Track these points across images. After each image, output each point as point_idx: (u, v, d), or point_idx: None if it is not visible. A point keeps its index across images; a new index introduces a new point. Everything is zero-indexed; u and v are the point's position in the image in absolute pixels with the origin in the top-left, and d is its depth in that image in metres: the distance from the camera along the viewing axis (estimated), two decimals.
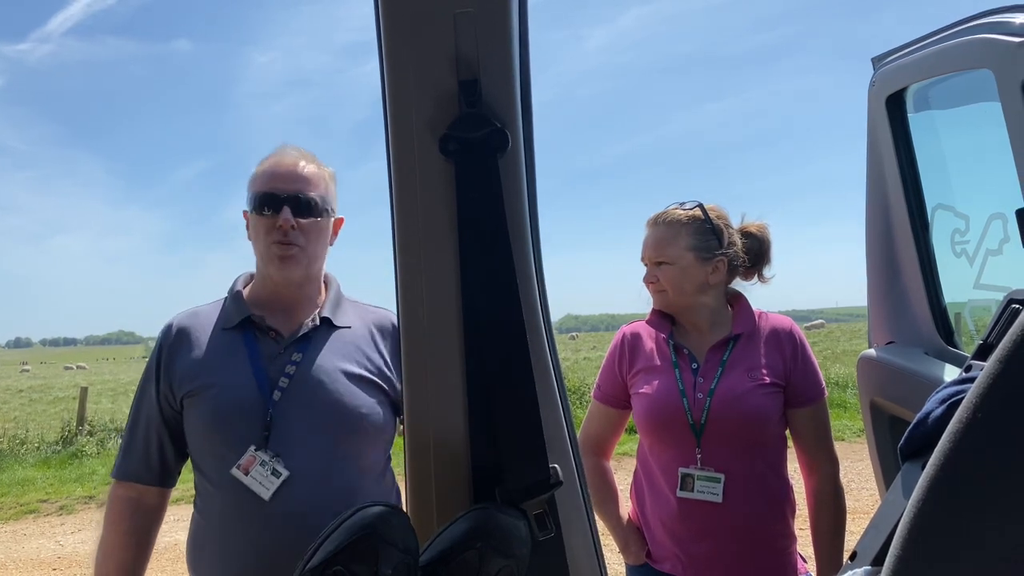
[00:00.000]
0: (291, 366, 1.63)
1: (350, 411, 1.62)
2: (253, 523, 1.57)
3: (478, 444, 0.96)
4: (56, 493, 8.30)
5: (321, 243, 1.70)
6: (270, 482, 1.56)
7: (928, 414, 0.88)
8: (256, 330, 1.69)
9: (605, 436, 2.12)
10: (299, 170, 1.66)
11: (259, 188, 1.65)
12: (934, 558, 0.46)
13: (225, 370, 1.64)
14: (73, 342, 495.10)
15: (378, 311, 1.82)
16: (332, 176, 1.75)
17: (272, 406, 1.60)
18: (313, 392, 1.62)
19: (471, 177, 0.89)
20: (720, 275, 1.94)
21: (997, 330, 1.10)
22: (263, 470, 1.57)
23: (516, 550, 0.90)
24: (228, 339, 1.68)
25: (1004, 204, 1.76)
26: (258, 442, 1.58)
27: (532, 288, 0.95)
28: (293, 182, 1.64)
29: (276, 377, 1.62)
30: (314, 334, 1.69)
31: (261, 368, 1.63)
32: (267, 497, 1.56)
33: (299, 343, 1.67)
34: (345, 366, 1.66)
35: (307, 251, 1.66)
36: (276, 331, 1.69)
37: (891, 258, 2.09)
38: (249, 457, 1.58)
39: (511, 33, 0.86)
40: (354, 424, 1.62)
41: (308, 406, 1.61)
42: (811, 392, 1.92)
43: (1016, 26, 1.54)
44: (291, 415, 1.60)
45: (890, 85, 1.97)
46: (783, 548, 1.90)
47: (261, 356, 1.65)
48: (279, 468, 1.56)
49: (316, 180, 1.67)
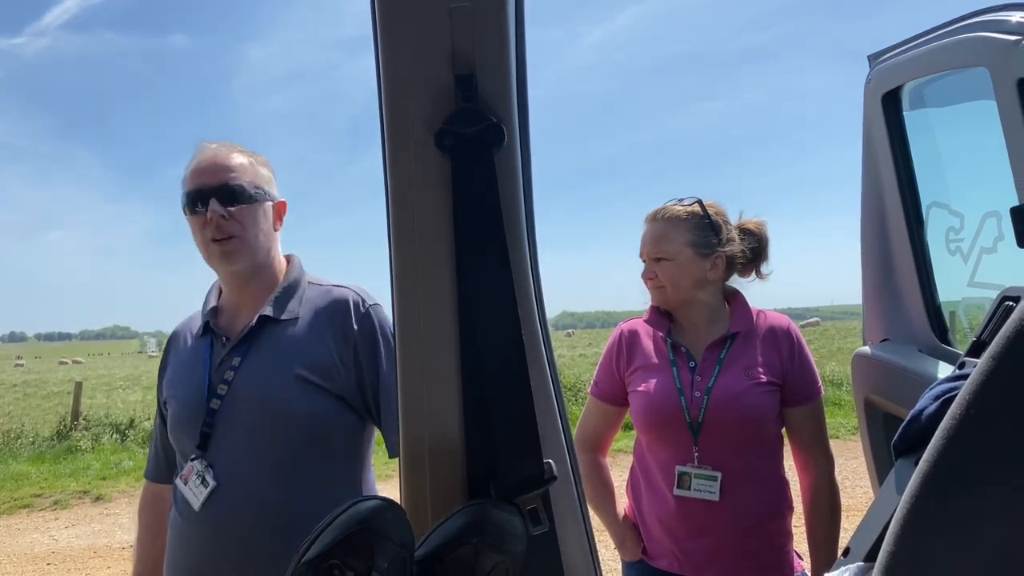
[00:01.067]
0: (230, 371, 1.61)
1: (282, 417, 1.56)
2: (187, 532, 1.60)
3: (473, 439, 0.96)
4: (50, 488, 8.28)
5: (260, 228, 1.65)
6: (200, 492, 1.56)
7: (921, 411, 0.88)
8: (213, 335, 1.69)
9: (602, 433, 2.12)
10: (220, 161, 1.62)
11: (186, 189, 1.63)
12: (926, 554, 0.46)
13: (185, 379, 1.67)
14: (68, 337, 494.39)
15: (333, 291, 1.71)
16: (263, 161, 1.70)
17: (210, 414, 1.59)
18: (246, 399, 1.58)
19: (467, 172, 0.89)
20: (718, 271, 1.94)
21: (990, 327, 1.10)
22: (196, 479, 1.57)
23: (511, 546, 0.90)
24: (195, 347, 1.70)
25: (999, 202, 1.77)
26: (196, 452, 1.59)
27: (528, 283, 0.95)
28: (216, 174, 1.60)
29: (217, 384, 1.61)
30: (255, 334, 1.64)
31: (207, 375, 1.63)
32: (196, 507, 1.56)
33: (239, 346, 1.63)
34: (282, 367, 1.59)
35: (245, 239, 1.61)
36: (226, 336, 1.67)
37: (886, 255, 2.09)
38: (188, 466, 1.59)
39: (507, 28, 0.86)
40: (287, 430, 1.57)
41: (241, 413, 1.58)
42: (808, 391, 1.93)
43: (1012, 24, 1.54)
44: (226, 423, 1.58)
45: (886, 83, 1.97)
46: (780, 546, 1.90)
47: (211, 363, 1.64)
48: (208, 478, 1.56)
49: (240, 167, 1.63)
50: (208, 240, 1.60)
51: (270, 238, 1.69)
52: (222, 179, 1.60)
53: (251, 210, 1.62)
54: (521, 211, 0.94)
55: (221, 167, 1.61)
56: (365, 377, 1.63)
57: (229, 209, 1.59)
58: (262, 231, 1.65)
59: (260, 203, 1.64)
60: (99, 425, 11.29)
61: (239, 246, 1.61)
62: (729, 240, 1.94)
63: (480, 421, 0.95)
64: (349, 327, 1.64)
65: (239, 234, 1.61)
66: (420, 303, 0.93)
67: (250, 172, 1.64)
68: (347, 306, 1.67)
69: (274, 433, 1.56)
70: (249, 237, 1.62)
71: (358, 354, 1.63)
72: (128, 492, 8.02)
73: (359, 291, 1.71)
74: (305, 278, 1.74)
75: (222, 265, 1.64)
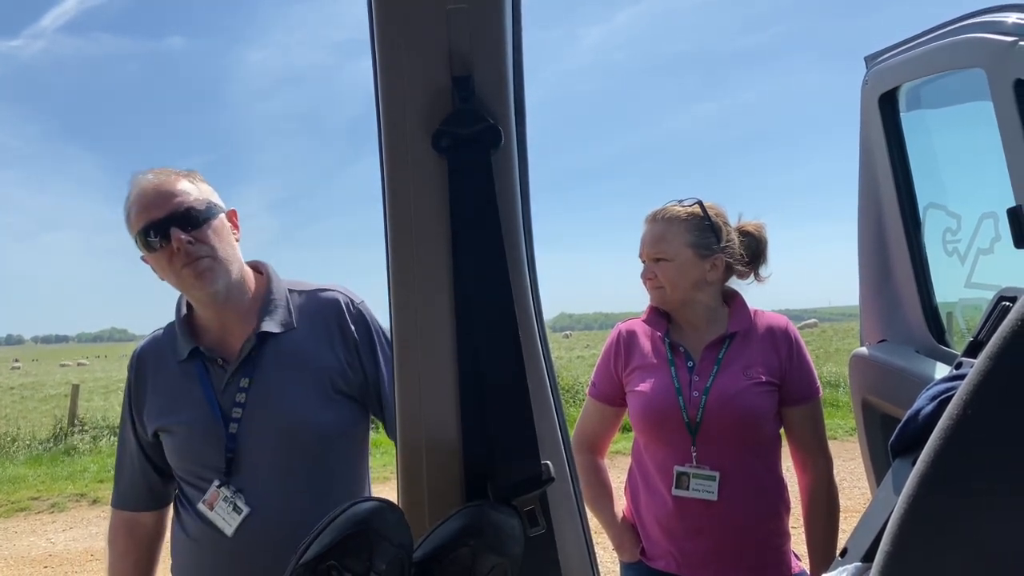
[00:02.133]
0: (241, 394, 1.58)
1: (304, 432, 1.56)
2: (217, 558, 1.58)
3: (470, 440, 0.96)
4: (48, 491, 8.26)
5: (226, 242, 1.60)
6: (232, 518, 1.55)
7: (918, 411, 0.88)
8: (204, 359, 1.63)
9: (600, 433, 2.12)
10: (165, 188, 1.54)
11: (138, 226, 1.54)
12: (924, 554, 0.46)
13: (186, 407, 1.61)
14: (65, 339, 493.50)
15: (321, 296, 1.68)
16: (197, 175, 1.62)
17: (230, 439, 1.57)
18: (265, 419, 1.57)
19: (464, 173, 0.89)
20: (717, 272, 1.94)
21: (987, 327, 1.10)
22: (226, 506, 1.55)
23: (509, 548, 0.90)
24: (183, 372, 1.64)
25: (995, 203, 1.77)
26: (221, 477, 1.57)
27: (525, 285, 0.95)
28: (166, 203, 1.52)
29: (229, 408, 1.58)
30: (256, 353, 1.60)
31: (214, 400, 1.59)
32: (229, 533, 1.55)
33: (243, 367, 1.60)
34: (298, 380, 1.58)
35: (218, 256, 1.56)
36: (222, 358, 1.62)
37: (883, 257, 2.09)
38: (213, 492, 1.57)
39: (504, 29, 0.86)
40: (309, 444, 1.57)
41: (263, 434, 1.57)
42: (806, 391, 1.93)
43: (1008, 25, 1.54)
44: (249, 446, 1.57)
45: (883, 84, 1.98)
46: (777, 546, 1.91)
47: (213, 387, 1.61)
48: (240, 504, 1.55)
49: (183, 188, 1.56)
50: (179, 268, 1.53)
51: (235, 248, 1.64)
52: (174, 206, 1.52)
53: (212, 227, 1.57)
54: (518, 212, 0.94)
55: (167, 194, 1.53)
56: (368, 374, 1.64)
57: (193, 234, 1.52)
58: (228, 244, 1.61)
59: (216, 217, 1.59)
60: (96, 428, 11.27)
61: (212, 265, 1.55)
62: (729, 242, 1.94)
63: (478, 422, 0.95)
64: (347, 329, 1.64)
65: (210, 254, 1.55)
66: (417, 304, 0.93)
67: (193, 190, 1.58)
68: (339, 308, 1.66)
69: (298, 449, 1.57)
70: (220, 255, 1.57)
71: (360, 354, 1.64)
72: None
73: (344, 291, 1.71)
74: (283, 285, 1.70)
75: (200, 289, 1.56)
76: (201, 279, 1.54)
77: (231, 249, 1.61)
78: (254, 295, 1.67)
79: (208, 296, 1.58)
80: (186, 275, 1.53)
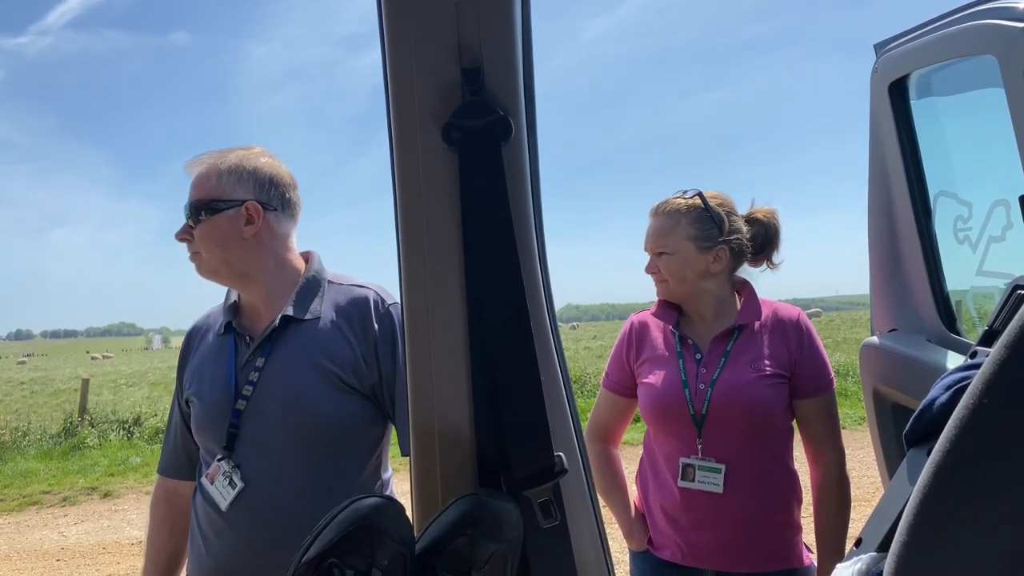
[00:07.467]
0: (255, 372, 1.61)
1: (308, 417, 1.57)
2: (213, 532, 1.60)
3: (483, 433, 0.96)
4: (58, 484, 8.33)
5: (216, 243, 1.60)
6: (227, 492, 1.56)
7: (933, 401, 0.88)
8: (236, 335, 1.69)
9: (613, 424, 2.13)
10: (192, 178, 1.65)
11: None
12: (939, 544, 0.46)
13: (209, 378, 1.67)
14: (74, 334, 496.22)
15: (355, 291, 1.69)
16: (230, 168, 1.62)
17: (236, 415, 1.59)
18: (272, 400, 1.58)
19: (474, 165, 0.89)
20: (722, 264, 1.93)
21: (1002, 316, 1.10)
22: (223, 480, 1.57)
23: (507, 534, 0.90)
24: (218, 345, 1.71)
25: (1007, 191, 1.76)
26: (223, 452, 1.59)
27: (536, 276, 0.95)
28: (191, 188, 1.64)
29: (243, 385, 1.61)
30: (279, 334, 1.63)
31: (233, 376, 1.63)
32: (224, 508, 1.57)
33: (263, 346, 1.63)
34: (308, 367, 1.59)
35: (201, 255, 1.63)
36: (250, 336, 1.67)
37: (893, 245, 2.09)
38: (215, 466, 1.59)
39: (513, 20, 0.86)
40: (312, 431, 1.57)
41: (267, 413, 1.58)
42: (818, 384, 1.91)
43: (1020, 11, 1.53)
44: (252, 424, 1.59)
45: (893, 72, 1.96)
46: (786, 538, 1.90)
47: (236, 363, 1.65)
48: (235, 479, 1.56)
49: (201, 181, 1.63)
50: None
51: (243, 245, 1.62)
52: (190, 195, 1.63)
53: (208, 223, 1.60)
54: (529, 204, 0.94)
55: (192, 185, 1.64)
56: (383, 375, 1.63)
57: (191, 226, 1.62)
58: (218, 246, 1.61)
59: (215, 215, 1.60)
60: (106, 422, 11.34)
61: (198, 261, 1.64)
62: (733, 231, 1.93)
63: (490, 415, 0.95)
64: (370, 326, 1.64)
65: (196, 249, 1.63)
66: (429, 296, 0.93)
67: (209, 184, 1.61)
68: (367, 305, 1.66)
69: (300, 434, 1.57)
70: (205, 251, 1.62)
71: (378, 353, 1.63)
72: (136, 488, 8.07)
73: (379, 290, 1.71)
74: (325, 276, 1.72)
75: (203, 277, 1.67)
76: (197, 271, 1.65)
77: (219, 251, 1.61)
78: (292, 281, 1.70)
79: (216, 283, 1.68)
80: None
